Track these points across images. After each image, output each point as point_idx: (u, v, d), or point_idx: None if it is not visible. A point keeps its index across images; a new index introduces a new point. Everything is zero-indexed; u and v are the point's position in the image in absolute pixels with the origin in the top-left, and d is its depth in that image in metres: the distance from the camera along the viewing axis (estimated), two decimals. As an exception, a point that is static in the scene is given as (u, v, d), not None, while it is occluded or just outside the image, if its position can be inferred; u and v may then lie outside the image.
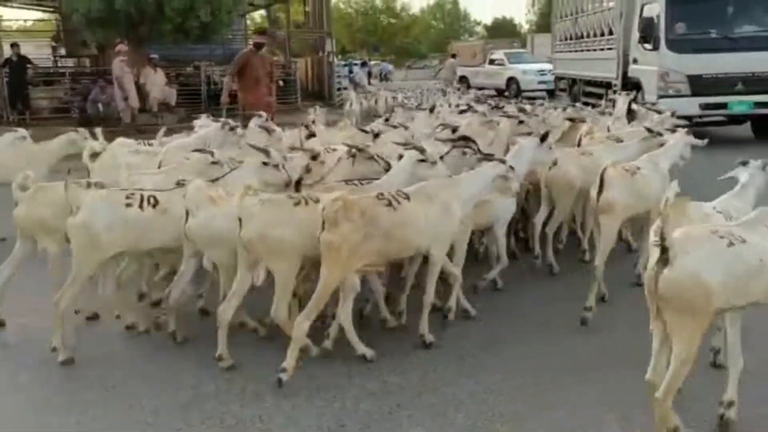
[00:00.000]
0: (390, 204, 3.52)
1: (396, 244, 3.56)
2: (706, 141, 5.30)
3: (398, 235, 3.53)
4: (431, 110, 7.68)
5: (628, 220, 4.59)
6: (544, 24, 47.65)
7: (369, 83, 29.05)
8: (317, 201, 3.48)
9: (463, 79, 25.28)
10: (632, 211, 4.30)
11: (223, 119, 6.27)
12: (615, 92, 11.57)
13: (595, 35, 13.98)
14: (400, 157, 4.22)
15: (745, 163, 3.72)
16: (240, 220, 3.42)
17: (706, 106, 9.52)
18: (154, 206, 3.74)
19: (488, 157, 4.10)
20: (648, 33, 11.06)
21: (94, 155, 5.27)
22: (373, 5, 61.08)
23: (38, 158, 5.94)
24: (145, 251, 3.96)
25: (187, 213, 3.64)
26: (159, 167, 4.87)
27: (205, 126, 6.23)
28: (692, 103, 9.37)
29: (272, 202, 3.51)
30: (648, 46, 11.13)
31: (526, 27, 63.88)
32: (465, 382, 3.51)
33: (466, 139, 4.54)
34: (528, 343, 3.98)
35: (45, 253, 4.10)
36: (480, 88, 24.23)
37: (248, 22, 33.94)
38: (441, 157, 4.16)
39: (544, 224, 5.06)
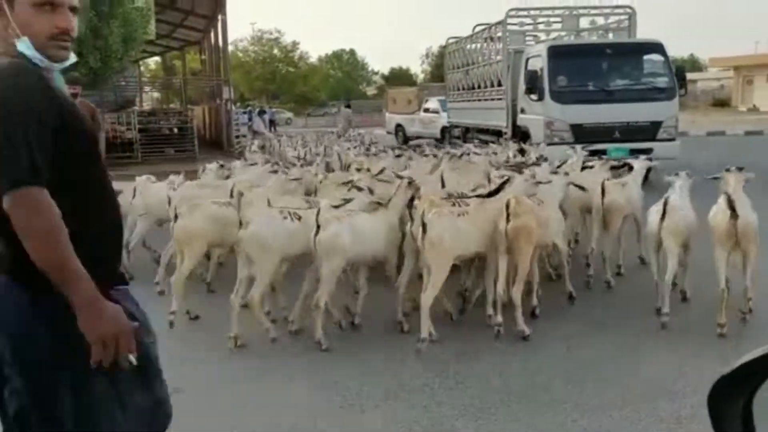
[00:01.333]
0: (539, 205, 4.86)
1: (543, 235, 4.76)
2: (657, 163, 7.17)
3: (545, 227, 4.79)
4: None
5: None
6: (438, 74, 49.46)
7: (272, 131, 28.90)
8: (467, 213, 4.62)
9: (399, 128, 24.61)
10: (625, 211, 5.82)
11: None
12: (506, 140, 12.13)
13: (485, 86, 14.65)
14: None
15: (676, 174, 5.28)
16: (424, 226, 4.32)
17: (588, 153, 10.12)
18: (299, 219, 4.62)
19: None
20: (533, 85, 11.72)
21: None
22: (271, 54, 61.34)
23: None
24: (291, 256, 4.71)
25: (318, 227, 4.41)
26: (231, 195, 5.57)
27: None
28: (576, 150, 9.90)
29: (443, 214, 4.47)
30: (534, 97, 11.79)
31: (421, 77, 66.26)
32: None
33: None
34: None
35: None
36: (417, 137, 23.13)
37: (142, 68, 33.28)
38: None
39: None
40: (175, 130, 21.09)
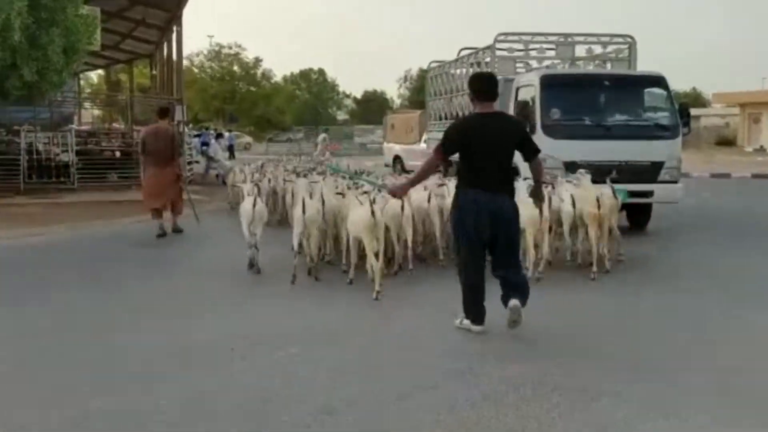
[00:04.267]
0: None
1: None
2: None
3: None
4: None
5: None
6: (417, 99, 49.94)
7: (231, 157, 28.71)
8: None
9: (397, 160, 23.61)
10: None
11: None
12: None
13: (470, 116, 14.77)
14: None
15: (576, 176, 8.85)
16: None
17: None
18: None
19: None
20: (524, 117, 11.74)
21: None
22: (231, 71, 61.51)
23: None
24: None
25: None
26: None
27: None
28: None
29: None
30: (524, 130, 11.90)
31: (397, 102, 66.88)
32: None
33: None
34: None
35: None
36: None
37: (82, 82, 33.07)
38: None
39: None
40: (118, 154, 20.87)
